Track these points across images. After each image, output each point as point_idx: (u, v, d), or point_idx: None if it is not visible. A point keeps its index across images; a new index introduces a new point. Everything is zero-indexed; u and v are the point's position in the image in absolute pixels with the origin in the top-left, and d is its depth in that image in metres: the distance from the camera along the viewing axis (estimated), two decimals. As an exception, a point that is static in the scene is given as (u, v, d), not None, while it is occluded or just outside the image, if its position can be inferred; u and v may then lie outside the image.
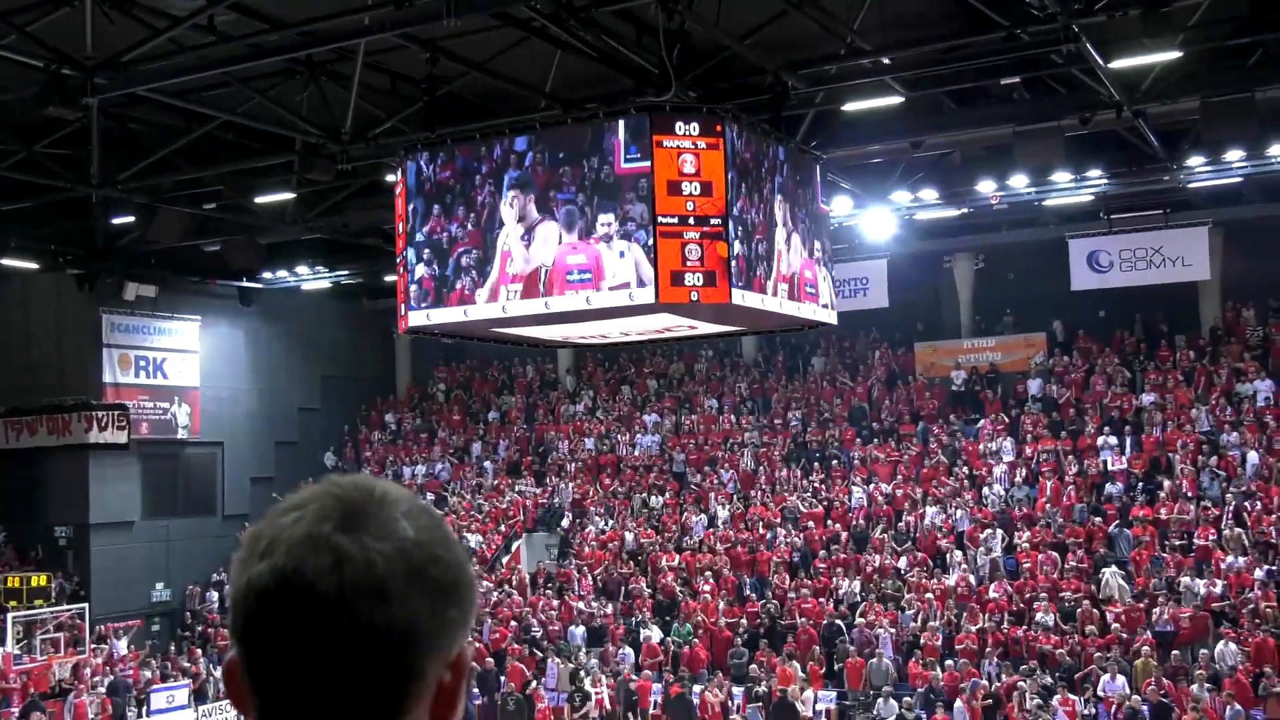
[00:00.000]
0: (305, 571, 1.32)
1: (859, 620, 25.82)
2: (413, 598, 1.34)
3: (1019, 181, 24.72)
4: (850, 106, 20.70)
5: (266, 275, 33.93)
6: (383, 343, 39.57)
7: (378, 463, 37.82)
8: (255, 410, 37.43)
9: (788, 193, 16.37)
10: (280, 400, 38.09)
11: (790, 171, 16.58)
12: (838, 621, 26.15)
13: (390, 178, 19.53)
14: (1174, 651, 23.02)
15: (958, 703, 22.32)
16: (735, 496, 31.56)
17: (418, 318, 16.58)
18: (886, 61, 18.87)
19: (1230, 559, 24.87)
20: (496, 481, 35.16)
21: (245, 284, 34.62)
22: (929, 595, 26.03)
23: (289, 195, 25.18)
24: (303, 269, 33.68)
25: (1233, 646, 22.49)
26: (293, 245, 31.25)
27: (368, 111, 20.15)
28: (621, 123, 14.77)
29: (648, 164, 14.36)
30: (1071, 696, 22.06)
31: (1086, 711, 22.06)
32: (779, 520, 29.98)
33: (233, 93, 20.14)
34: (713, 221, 14.25)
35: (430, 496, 35.18)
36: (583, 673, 25.40)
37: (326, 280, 35.27)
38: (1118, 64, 18.16)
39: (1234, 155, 23.54)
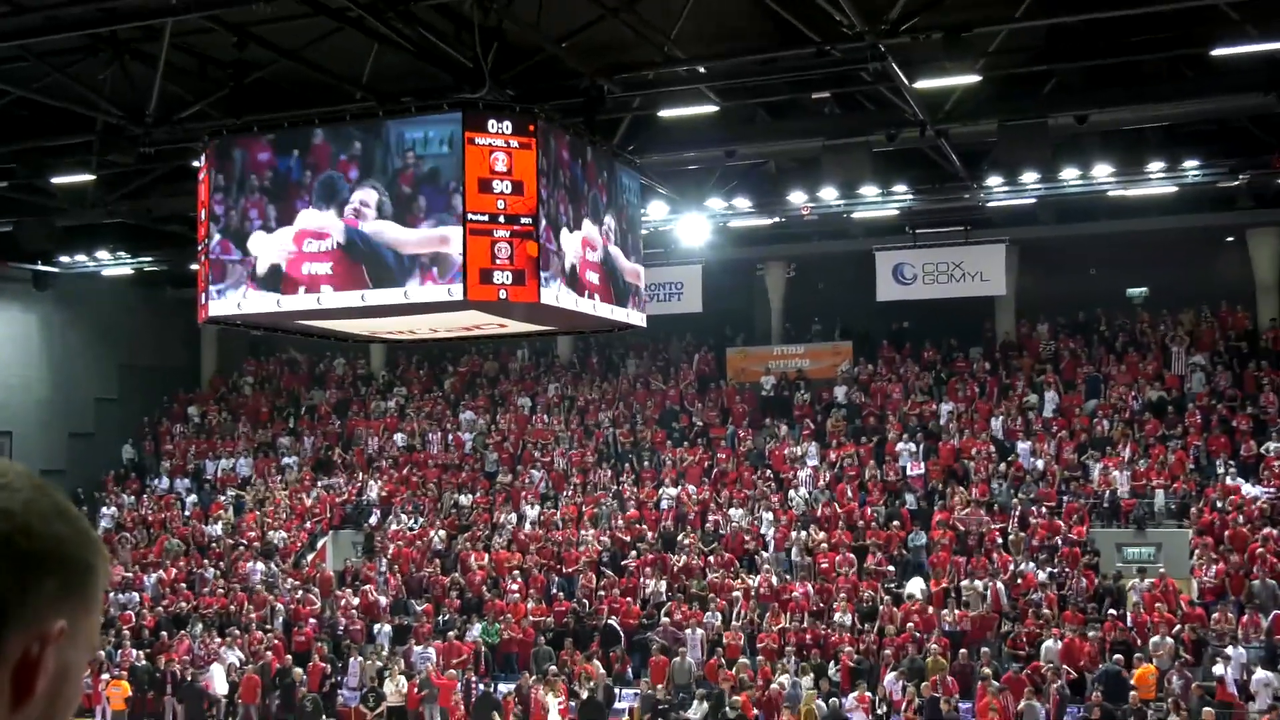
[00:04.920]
0: None
1: (664, 620, 26.15)
2: None
3: (829, 194, 25.43)
4: (666, 113, 20.98)
5: (64, 259, 32.49)
6: (188, 333, 38.23)
7: (180, 456, 36.64)
8: (47, 399, 35.89)
9: (600, 196, 16.49)
10: (75, 389, 36.60)
11: (602, 174, 16.70)
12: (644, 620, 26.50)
13: (195, 163, 18.95)
14: (961, 650, 23.98)
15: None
16: (545, 496, 31.62)
17: (223, 306, 16.09)
18: (702, 70, 19.18)
19: (1016, 562, 26.08)
20: (302, 477, 34.43)
21: (40, 267, 33.11)
22: (734, 595, 26.55)
23: (88, 177, 24.20)
24: (103, 254, 32.35)
25: (1057, 644, 23.44)
26: (93, 229, 29.97)
27: (174, 94, 19.50)
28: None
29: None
30: (869, 694, 22.75)
31: (880, 710, 22.78)
32: (589, 520, 30.17)
33: (29, 67, 19.25)
34: (523, 220, 14.26)
35: (231, 492, 34.29)
36: (384, 672, 25.09)
37: (129, 266, 33.97)
38: (921, 84, 18.84)
39: (1029, 177, 24.67)
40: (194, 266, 26.43)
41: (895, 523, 28.06)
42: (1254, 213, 29.45)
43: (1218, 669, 22.36)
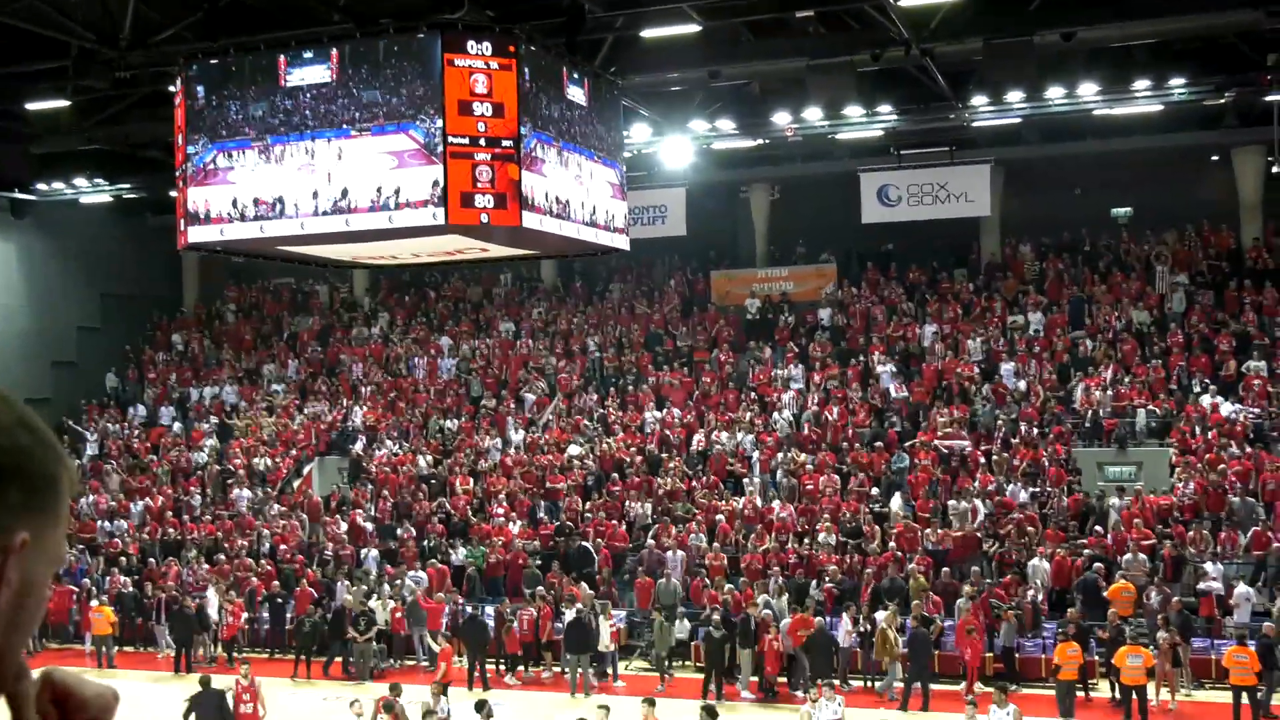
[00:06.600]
0: None
1: (649, 542, 26.33)
2: None
3: (813, 115, 25.20)
4: (648, 33, 20.70)
5: (41, 187, 32.13)
6: (169, 260, 37.97)
7: (163, 384, 36.57)
8: (29, 329, 35.71)
9: (582, 116, 16.33)
10: (57, 319, 36.44)
11: (585, 96, 16.52)
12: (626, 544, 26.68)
13: (171, 88, 18.68)
14: (944, 569, 24.21)
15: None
16: (531, 421, 31.69)
17: (204, 232, 15.97)
18: (684, -12, 18.92)
19: (999, 482, 26.27)
20: (287, 404, 34.41)
21: (17, 195, 32.76)
22: (718, 517, 26.71)
23: (63, 103, 23.86)
24: (81, 181, 31.99)
25: (1045, 564, 23.67)
26: (70, 156, 29.63)
27: (148, 17, 19.18)
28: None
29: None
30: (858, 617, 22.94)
31: (863, 628, 22.99)
32: (574, 444, 30.26)
33: (-1, -9, 18.89)
34: (504, 143, 14.13)
35: (215, 419, 34.26)
36: (374, 597, 25.24)
37: (107, 194, 33.60)
38: (906, 2, 18.63)
39: (1014, 96, 24.46)
40: (173, 193, 26.25)
41: (879, 443, 28.20)
42: (1239, 131, 29.34)
43: (1203, 584, 22.67)
